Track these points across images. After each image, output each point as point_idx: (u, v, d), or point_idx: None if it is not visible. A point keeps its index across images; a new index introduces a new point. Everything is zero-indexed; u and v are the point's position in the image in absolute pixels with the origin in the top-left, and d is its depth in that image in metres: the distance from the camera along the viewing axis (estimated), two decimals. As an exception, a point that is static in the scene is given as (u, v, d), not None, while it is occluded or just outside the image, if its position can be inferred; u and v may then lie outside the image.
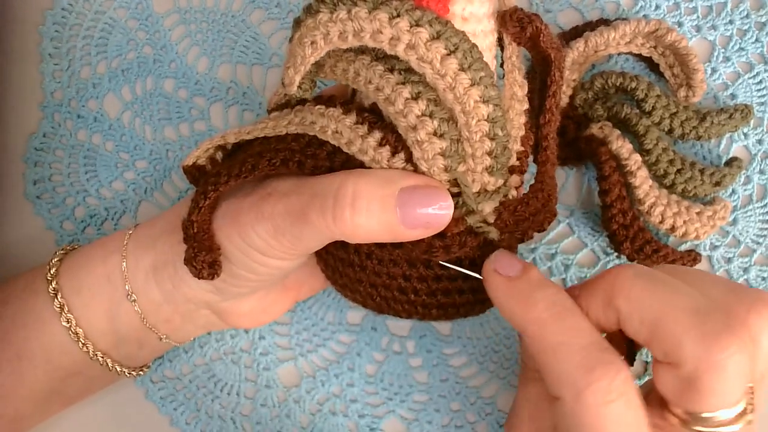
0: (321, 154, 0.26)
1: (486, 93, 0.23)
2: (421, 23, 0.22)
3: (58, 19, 0.41)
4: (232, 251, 0.28)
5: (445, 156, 0.24)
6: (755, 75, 0.40)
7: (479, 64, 0.23)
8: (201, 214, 0.27)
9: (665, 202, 0.36)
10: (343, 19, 0.23)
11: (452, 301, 0.28)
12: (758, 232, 0.38)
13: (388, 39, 0.23)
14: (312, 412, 0.37)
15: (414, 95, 0.23)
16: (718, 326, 0.22)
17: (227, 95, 0.41)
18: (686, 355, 0.22)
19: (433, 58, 0.23)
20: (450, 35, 0.23)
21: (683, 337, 0.22)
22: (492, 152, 0.24)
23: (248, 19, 0.41)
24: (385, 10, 0.23)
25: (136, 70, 0.41)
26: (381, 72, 0.24)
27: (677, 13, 0.41)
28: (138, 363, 0.34)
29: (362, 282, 0.29)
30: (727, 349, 0.22)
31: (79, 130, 0.40)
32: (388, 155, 0.24)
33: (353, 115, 0.25)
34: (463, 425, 0.37)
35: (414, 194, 0.24)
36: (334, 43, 0.24)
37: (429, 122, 0.23)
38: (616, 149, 0.36)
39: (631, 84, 0.37)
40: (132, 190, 0.40)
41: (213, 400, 0.37)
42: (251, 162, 0.26)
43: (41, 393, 0.32)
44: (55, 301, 0.31)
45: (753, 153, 0.39)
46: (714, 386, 0.22)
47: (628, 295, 0.24)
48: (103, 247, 0.32)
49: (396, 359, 0.38)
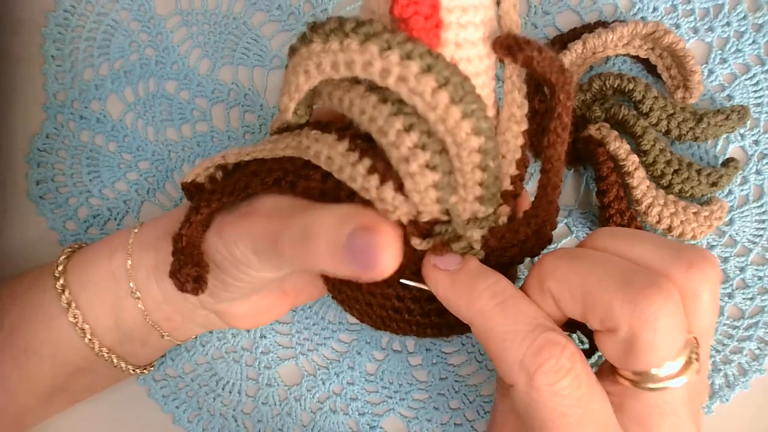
0: (314, 176, 0.26)
1: (478, 125, 0.23)
2: (411, 56, 0.22)
3: (60, 21, 0.42)
4: (221, 261, 0.28)
5: (437, 188, 0.24)
6: (752, 76, 0.40)
7: (471, 97, 0.23)
8: (191, 229, 0.28)
9: (662, 203, 0.37)
10: (335, 50, 0.23)
11: (446, 322, 0.28)
12: (754, 232, 0.39)
13: (378, 71, 0.23)
14: (313, 410, 0.38)
15: (406, 127, 0.23)
16: (642, 284, 0.23)
17: (229, 97, 0.41)
18: (618, 317, 0.23)
19: (423, 90, 0.22)
20: (441, 69, 0.22)
21: (611, 301, 0.23)
22: (483, 183, 0.24)
23: (249, 21, 0.41)
24: (375, 43, 0.22)
25: (138, 72, 0.41)
26: (374, 103, 0.24)
27: (674, 15, 0.41)
28: (142, 361, 0.35)
29: (358, 300, 0.29)
30: (654, 303, 0.22)
31: (82, 131, 0.41)
32: (377, 183, 0.24)
33: (346, 142, 0.25)
34: (463, 423, 0.37)
35: (356, 239, 0.23)
36: (326, 73, 0.24)
37: (421, 154, 0.23)
38: (613, 150, 0.37)
39: (628, 85, 0.37)
40: (134, 191, 0.40)
41: (215, 398, 0.38)
42: (244, 181, 0.27)
43: (46, 388, 0.32)
44: (63, 297, 0.31)
45: (749, 154, 0.39)
46: (650, 342, 0.23)
47: (554, 276, 0.25)
48: (109, 244, 0.33)
49: (396, 358, 0.38)
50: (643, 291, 0.23)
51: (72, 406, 0.35)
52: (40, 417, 0.34)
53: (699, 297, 0.24)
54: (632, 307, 0.23)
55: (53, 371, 0.32)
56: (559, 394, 0.23)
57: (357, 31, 0.23)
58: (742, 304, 0.38)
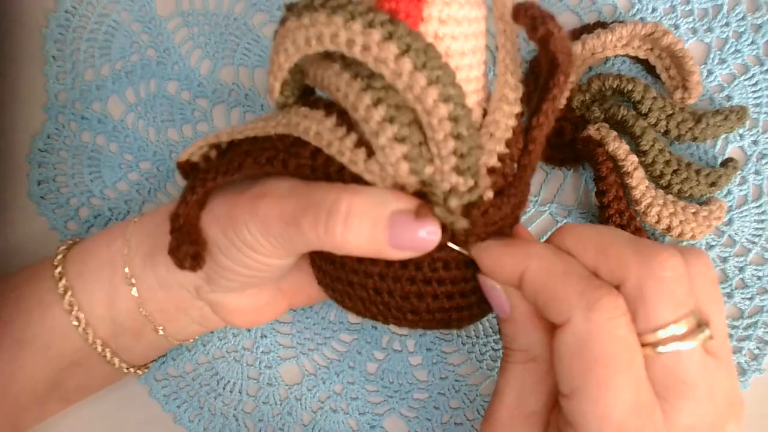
0: (304, 153, 0.26)
1: (445, 91, 0.23)
2: (373, 25, 0.23)
3: (61, 22, 0.42)
4: (225, 244, 0.28)
5: (408, 160, 0.24)
6: (751, 77, 0.40)
7: (435, 62, 0.23)
8: (187, 207, 0.28)
9: (661, 203, 0.37)
10: (306, 25, 0.24)
11: (426, 306, 0.27)
12: (753, 232, 0.39)
13: (344, 42, 0.23)
14: (313, 410, 0.38)
15: (374, 101, 0.24)
16: (654, 248, 0.24)
17: (230, 97, 0.41)
18: (628, 265, 0.24)
19: (386, 58, 0.23)
20: (402, 35, 0.23)
21: (625, 252, 0.24)
22: (457, 151, 0.24)
23: (250, 21, 0.42)
24: (340, 14, 0.23)
25: (139, 73, 0.41)
26: (347, 80, 0.24)
27: (673, 15, 0.41)
28: (137, 358, 0.34)
29: (341, 280, 0.29)
30: (664, 260, 0.24)
31: (83, 132, 0.41)
32: (364, 157, 0.25)
33: (333, 117, 0.26)
34: (463, 422, 0.37)
35: (403, 218, 0.25)
36: (302, 49, 0.25)
37: (389, 127, 0.24)
38: (612, 150, 0.37)
39: (627, 86, 0.37)
40: (136, 191, 0.40)
41: (216, 397, 0.38)
42: (238, 160, 0.27)
43: (40, 383, 0.32)
44: (60, 284, 0.32)
45: (748, 154, 0.40)
46: (656, 295, 0.23)
47: (573, 231, 0.26)
48: (108, 234, 0.33)
49: (396, 357, 0.38)
50: (655, 250, 0.24)
51: (67, 408, 0.35)
52: (35, 418, 0.34)
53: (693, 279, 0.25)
54: (643, 261, 0.24)
55: (47, 364, 0.32)
56: (615, 333, 0.23)
57: (325, 5, 0.24)
58: (741, 304, 0.38)
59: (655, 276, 0.23)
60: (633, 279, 0.24)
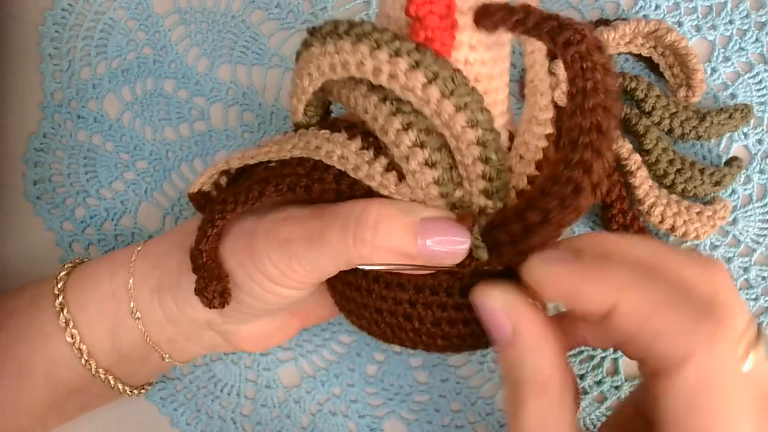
0: (328, 177, 0.26)
1: (473, 117, 0.23)
2: (399, 53, 0.23)
3: (58, 20, 0.41)
4: (243, 278, 0.27)
5: (438, 184, 0.24)
6: (755, 75, 0.40)
7: (463, 90, 0.23)
8: (208, 243, 0.27)
9: (665, 202, 0.36)
10: (331, 53, 0.24)
11: (457, 332, 0.27)
12: (758, 232, 0.38)
13: (371, 70, 0.23)
14: (312, 413, 0.37)
15: (405, 125, 0.24)
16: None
17: (227, 95, 0.41)
18: (692, 274, 0.22)
19: (414, 86, 0.23)
20: (428, 63, 0.23)
21: (682, 262, 0.22)
22: (486, 175, 0.24)
23: (248, 19, 0.41)
24: (366, 43, 0.23)
25: (136, 71, 0.41)
26: (375, 102, 0.24)
27: (677, 13, 0.41)
28: (140, 381, 0.34)
29: (368, 307, 0.28)
30: (721, 266, 0.22)
31: (79, 131, 0.40)
32: (395, 181, 0.25)
33: (359, 140, 0.25)
34: (464, 425, 0.37)
35: (433, 225, 0.24)
36: (326, 75, 0.25)
37: (420, 152, 0.24)
38: (615, 149, 0.36)
39: (630, 84, 0.37)
40: (132, 191, 0.40)
41: (213, 400, 0.37)
42: (257, 188, 0.26)
43: (41, 408, 0.32)
44: (61, 316, 0.31)
45: (753, 153, 0.39)
46: (730, 297, 0.22)
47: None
48: (111, 262, 0.32)
49: (396, 359, 0.38)
50: (708, 258, 0.23)
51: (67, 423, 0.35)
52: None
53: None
54: (704, 268, 0.22)
55: (48, 392, 0.31)
56: (740, 366, 0.21)
57: (349, 32, 0.23)
58: (746, 305, 0.38)
59: (725, 281, 0.22)
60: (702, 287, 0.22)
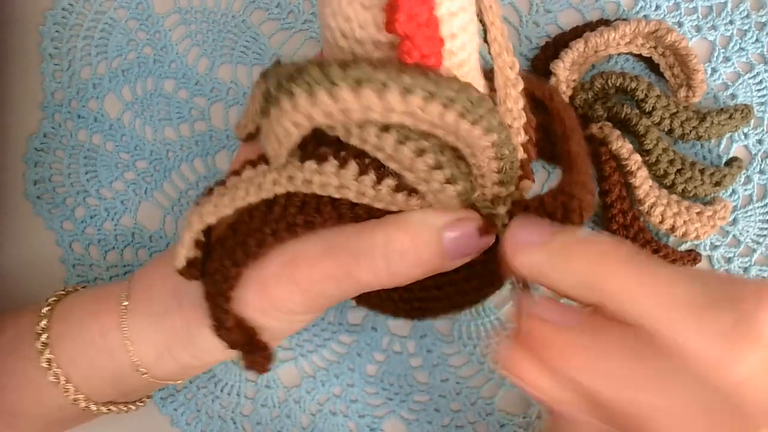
0: (325, 208, 0.25)
1: (488, 125, 0.22)
2: (412, 90, 0.20)
3: (58, 20, 0.41)
4: (262, 323, 0.27)
5: (460, 195, 0.24)
6: (755, 75, 0.40)
7: (477, 105, 0.22)
8: (229, 315, 0.26)
9: (665, 202, 0.36)
10: (325, 102, 0.21)
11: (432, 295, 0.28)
12: (758, 232, 0.38)
13: (380, 112, 0.21)
14: (312, 413, 0.37)
15: (418, 152, 0.22)
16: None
17: (228, 95, 0.41)
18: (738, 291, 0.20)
19: (431, 117, 0.21)
20: (443, 90, 0.21)
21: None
22: (501, 169, 0.24)
23: (249, 19, 0.41)
24: (370, 87, 0.20)
25: (136, 71, 0.41)
26: (376, 132, 0.22)
27: (677, 13, 0.41)
28: (139, 396, 0.34)
29: (379, 295, 0.28)
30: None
31: (80, 131, 0.40)
32: (404, 198, 0.24)
33: (353, 166, 0.24)
34: (464, 425, 0.37)
35: (454, 229, 0.24)
36: (321, 122, 0.22)
37: (439, 174, 0.23)
38: (616, 149, 0.36)
39: (631, 84, 0.37)
40: (132, 191, 0.40)
41: (213, 400, 0.37)
42: (254, 240, 0.25)
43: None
44: (50, 372, 0.29)
45: (753, 153, 0.39)
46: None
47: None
48: (97, 319, 0.30)
49: (396, 359, 0.38)
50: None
51: None
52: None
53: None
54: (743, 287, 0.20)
55: (43, 427, 0.31)
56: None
57: (345, 77, 0.20)
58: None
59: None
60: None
